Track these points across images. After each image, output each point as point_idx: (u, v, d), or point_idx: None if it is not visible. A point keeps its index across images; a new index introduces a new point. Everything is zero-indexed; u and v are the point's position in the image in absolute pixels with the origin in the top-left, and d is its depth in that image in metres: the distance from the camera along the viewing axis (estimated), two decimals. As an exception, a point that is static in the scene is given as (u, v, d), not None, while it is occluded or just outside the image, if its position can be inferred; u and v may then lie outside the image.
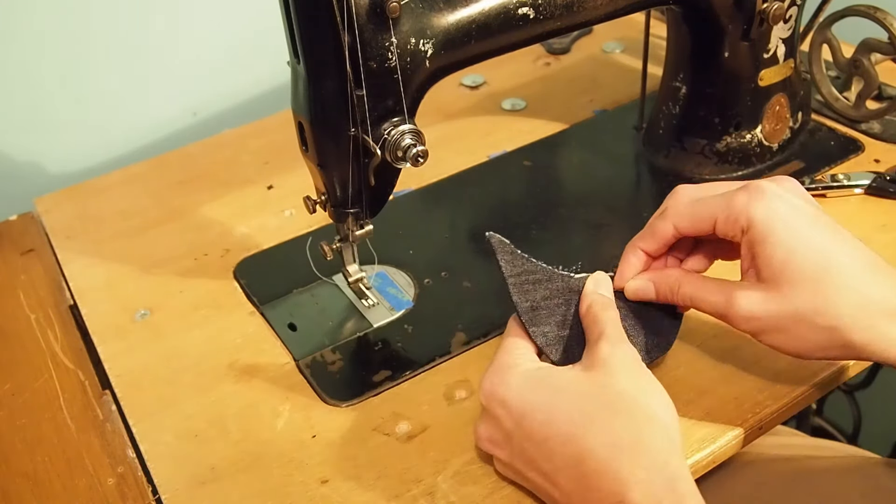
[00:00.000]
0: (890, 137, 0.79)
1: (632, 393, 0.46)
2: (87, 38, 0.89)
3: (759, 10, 0.69)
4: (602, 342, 0.49)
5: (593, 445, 0.44)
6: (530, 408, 0.47)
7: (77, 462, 0.57)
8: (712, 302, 0.51)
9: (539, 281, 0.54)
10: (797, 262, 0.47)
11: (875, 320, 0.46)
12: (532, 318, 0.53)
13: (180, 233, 0.77)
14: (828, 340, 0.47)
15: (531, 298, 0.54)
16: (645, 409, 0.46)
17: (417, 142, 0.56)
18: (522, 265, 0.54)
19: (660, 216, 0.54)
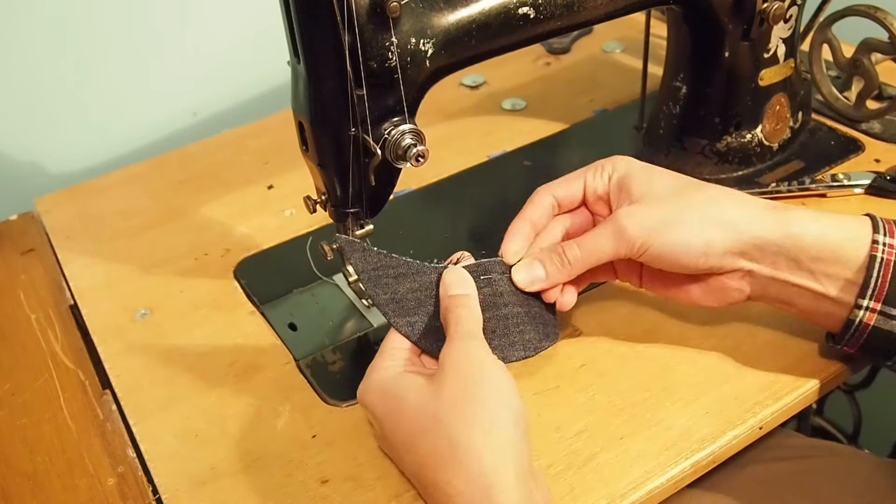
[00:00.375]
0: (890, 137, 0.79)
1: (458, 401, 0.46)
2: (87, 38, 0.89)
3: (759, 10, 0.69)
4: (448, 344, 0.49)
5: (423, 458, 0.46)
6: (382, 416, 0.49)
7: (77, 462, 0.57)
8: (599, 233, 0.53)
9: (402, 275, 0.54)
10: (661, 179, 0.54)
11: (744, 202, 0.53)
12: (395, 309, 0.53)
13: (180, 233, 0.77)
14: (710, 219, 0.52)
15: (392, 291, 0.53)
16: (468, 418, 0.45)
17: (418, 141, 0.56)
18: (378, 261, 0.54)
19: (534, 194, 0.58)
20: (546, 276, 0.55)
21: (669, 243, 0.52)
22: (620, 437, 0.54)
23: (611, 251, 0.53)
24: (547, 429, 0.55)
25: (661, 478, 0.52)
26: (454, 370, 0.47)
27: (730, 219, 0.52)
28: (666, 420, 0.55)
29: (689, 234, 0.51)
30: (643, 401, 0.57)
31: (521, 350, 0.55)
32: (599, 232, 0.54)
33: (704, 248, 0.51)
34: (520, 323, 0.55)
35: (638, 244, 0.52)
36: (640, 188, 0.53)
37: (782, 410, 0.56)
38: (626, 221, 0.52)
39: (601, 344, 0.60)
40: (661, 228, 0.52)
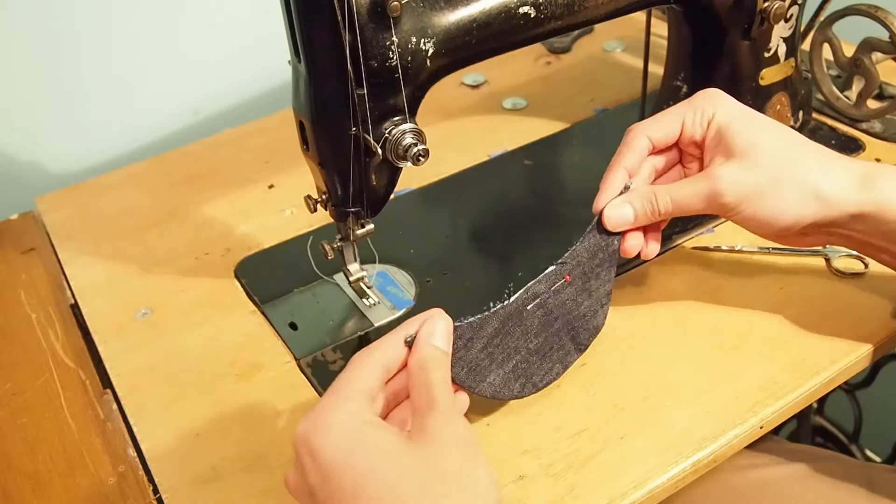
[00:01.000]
0: (891, 136, 0.79)
1: (453, 476, 0.41)
2: (87, 37, 0.89)
3: (759, 10, 0.69)
4: (431, 414, 0.43)
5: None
6: (341, 469, 0.41)
7: (78, 461, 0.57)
8: (693, 191, 0.53)
9: (470, 339, 0.51)
10: (763, 134, 0.54)
11: (838, 172, 0.53)
12: (474, 378, 0.51)
13: (181, 232, 0.78)
14: (800, 193, 0.52)
15: (465, 362, 0.51)
16: (465, 494, 0.41)
17: (418, 141, 0.56)
18: (460, 335, 0.51)
19: (628, 134, 0.57)
20: (634, 218, 0.55)
21: (760, 212, 0.53)
22: (621, 437, 0.54)
23: (702, 208, 0.54)
24: (548, 428, 0.55)
25: (662, 477, 0.52)
26: (452, 445, 0.42)
27: (823, 192, 0.52)
28: (667, 419, 0.55)
29: (782, 206, 0.52)
30: (644, 400, 0.57)
31: (574, 354, 0.56)
32: (694, 187, 0.54)
33: (795, 221, 0.53)
34: (563, 333, 0.55)
35: (730, 207, 0.53)
36: (740, 144, 0.53)
37: (783, 410, 0.56)
38: (722, 185, 0.53)
39: (602, 343, 0.60)
40: (754, 197, 0.53)
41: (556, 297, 0.55)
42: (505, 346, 0.53)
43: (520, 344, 0.53)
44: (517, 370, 0.53)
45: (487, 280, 0.68)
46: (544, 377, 0.55)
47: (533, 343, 0.54)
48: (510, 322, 0.53)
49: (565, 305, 0.55)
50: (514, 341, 0.53)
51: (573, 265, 0.55)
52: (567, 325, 0.55)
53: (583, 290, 0.56)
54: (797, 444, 0.70)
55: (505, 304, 0.53)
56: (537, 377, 0.54)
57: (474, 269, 0.70)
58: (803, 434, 1.08)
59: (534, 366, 0.54)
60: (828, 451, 0.69)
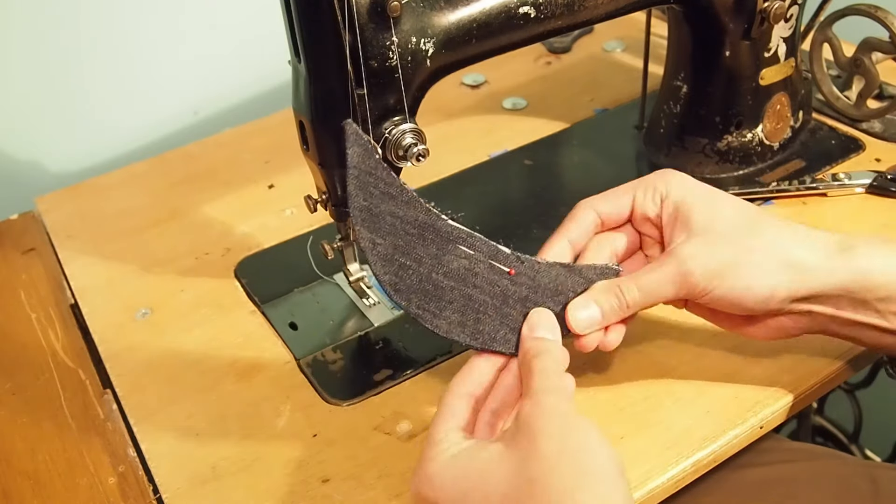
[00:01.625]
0: (891, 136, 0.79)
1: (554, 463, 0.41)
2: (88, 37, 0.89)
3: (759, 9, 0.69)
4: (524, 401, 0.44)
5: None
6: (460, 499, 0.43)
7: (78, 461, 0.57)
8: (660, 276, 0.49)
9: (392, 196, 0.50)
10: (723, 209, 0.50)
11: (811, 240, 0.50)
12: (366, 219, 0.49)
13: (181, 232, 0.78)
14: (772, 263, 0.49)
15: (372, 202, 0.49)
16: (575, 476, 0.40)
17: (418, 141, 0.56)
18: (376, 168, 0.50)
19: (575, 208, 0.54)
20: (602, 317, 0.50)
21: (734, 288, 0.49)
22: (621, 437, 0.54)
23: (671, 295, 0.50)
24: (547, 428, 0.55)
25: (662, 477, 0.52)
26: (544, 429, 0.42)
27: (795, 261, 0.49)
28: (667, 419, 0.55)
29: (754, 279, 0.49)
30: (644, 400, 0.57)
31: (468, 336, 0.50)
32: (660, 271, 0.50)
33: (769, 294, 0.49)
34: (481, 311, 0.50)
35: (700, 288, 0.49)
36: (699, 220, 0.50)
37: (783, 410, 0.56)
38: (689, 264, 0.49)
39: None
40: (726, 273, 0.49)
41: (489, 273, 0.51)
42: (411, 243, 0.50)
43: (425, 260, 0.50)
44: (403, 270, 0.50)
45: (487, 280, 0.68)
46: (424, 311, 0.50)
47: (437, 276, 0.50)
48: (432, 233, 0.51)
49: (493, 289, 0.51)
50: (422, 251, 0.50)
51: (528, 273, 0.51)
52: (485, 307, 0.51)
53: (521, 302, 0.51)
54: (799, 443, 0.70)
55: (441, 216, 0.51)
56: (416, 300, 0.50)
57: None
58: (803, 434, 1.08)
59: (423, 290, 0.50)
60: (830, 450, 0.69)
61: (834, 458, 0.66)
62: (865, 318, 0.50)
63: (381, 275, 0.50)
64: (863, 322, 0.50)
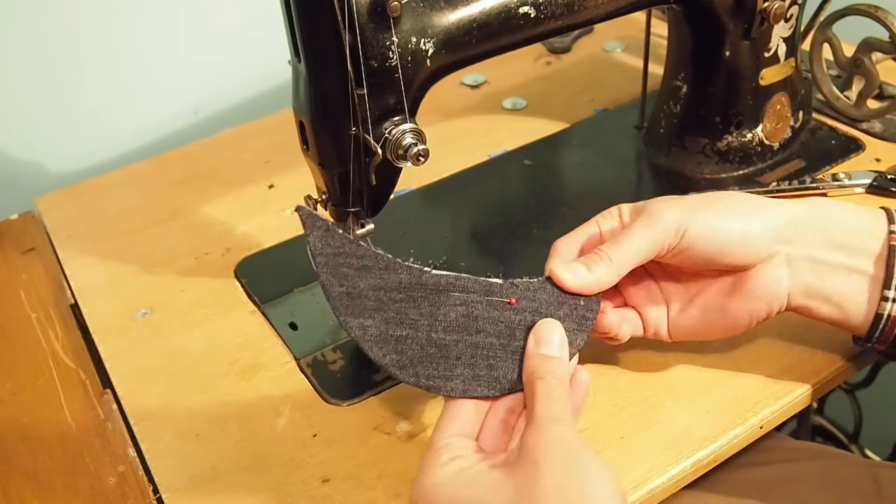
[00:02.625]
0: (891, 136, 0.79)
1: (558, 494, 0.40)
2: (88, 37, 0.89)
3: (759, 9, 0.69)
4: (529, 428, 0.43)
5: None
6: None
7: (78, 461, 0.57)
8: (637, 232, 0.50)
9: (367, 268, 0.48)
10: None
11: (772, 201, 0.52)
12: (348, 306, 0.47)
13: (181, 232, 0.78)
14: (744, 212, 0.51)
15: (350, 284, 0.47)
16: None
17: (418, 141, 0.56)
18: (343, 245, 0.48)
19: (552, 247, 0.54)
20: (587, 271, 0.50)
21: (708, 225, 0.50)
22: (621, 437, 0.54)
23: (648, 242, 0.50)
24: (547, 428, 0.55)
25: (662, 477, 0.52)
26: (548, 459, 0.41)
27: (759, 205, 0.52)
28: (666, 419, 0.55)
29: (725, 217, 0.50)
30: (644, 400, 0.57)
31: (485, 387, 0.47)
32: (632, 226, 0.51)
33: (742, 230, 0.50)
34: (491, 356, 0.48)
35: (674, 228, 0.50)
36: (656, 200, 0.52)
37: (783, 410, 0.56)
38: (656, 207, 0.51)
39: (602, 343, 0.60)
40: (696, 210, 0.50)
41: (489, 311, 0.49)
42: (402, 310, 0.48)
43: (421, 322, 0.48)
44: (402, 343, 0.48)
45: (487, 280, 0.68)
46: (434, 379, 0.48)
47: (438, 334, 0.48)
48: (420, 291, 0.48)
49: (497, 327, 0.49)
50: (415, 313, 0.48)
51: (527, 295, 0.50)
52: (494, 351, 0.48)
53: (527, 329, 0.49)
54: (801, 442, 0.70)
55: (424, 269, 0.49)
56: (423, 371, 0.48)
57: (474, 269, 0.69)
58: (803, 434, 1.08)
59: (427, 356, 0.48)
60: (832, 448, 0.69)
61: (836, 457, 0.66)
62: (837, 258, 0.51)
63: (379, 358, 0.47)
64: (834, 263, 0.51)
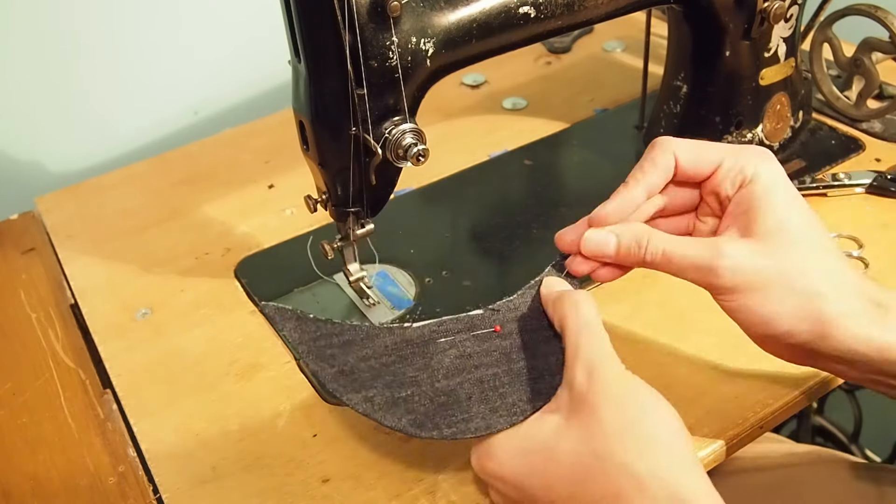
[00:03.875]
0: (891, 136, 0.79)
1: (624, 430, 0.41)
2: (88, 37, 0.89)
3: (759, 9, 0.69)
4: (575, 370, 0.43)
5: (596, 502, 0.41)
6: (525, 477, 0.43)
7: (78, 461, 0.57)
8: (693, 255, 0.46)
9: (350, 342, 0.48)
10: (794, 223, 0.47)
11: (850, 298, 0.46)
12: (346, 384, 0.47)
13: (181, 232, 0.78)
14: (803, 307, 0.45)
15: (340, 363, 0.48)
16: (643, 444, 0.41)
17: (418, 141, 0.56)
18: (318, 329, 0.48)
19: (654, 147, 0.49)
20: (614, 253, 0.48)
21: (752, 309, 0.46)
22: (621, 437, 0.54)
23: (690, 277, 0.47)
24: (547, 428, 0.55)
25: (662, 477, 0.52)
26: (605, 402, 0.41)
27: (825, 316, 0.45)
28: (666, 419, 0.55)
29: (778, 310, 0.45)
30: (644, 400, 0.56)
31: (506, 416, 0.46)
32: (693, 252, 0.46)
33: (786, 332, 0.46)
34: (499, 385, 0.47)
35: (721, 291, 0.46)
36: (766, 225, 0.46)
37: (782, 410, 0.56)
38: (724, 263, 0.45)
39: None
40: (754, 290, 0.46)
41: (479, 344, 0.49)
42: (398, 371, 0.48)
43: (421, 376, 0.48)
44: (410, 402, 0.47)
45: (487, 280, 0.68)
46: (456, 425, 0.47)
47: (441, 383, 0.48)
48: (409, 348, 0.49)
49: (491, 357, 0.49)
50: (412, 370, 0.48)
51: (509, 316, 0.50)
52: (499, 380, 0.48)
53: (523, 348, 0.49)
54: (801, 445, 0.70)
55: (403, 326, 0.49)
56: (442, 421, 0.47)
57: (474, 269, 0.70)
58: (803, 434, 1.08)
59: (440, 406, 0.47)
60: (833, 452, 0.69)
61: (838, 460, 0.66)
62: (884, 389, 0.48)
63: (395, 423, 0.47)
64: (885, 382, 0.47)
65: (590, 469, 0.41)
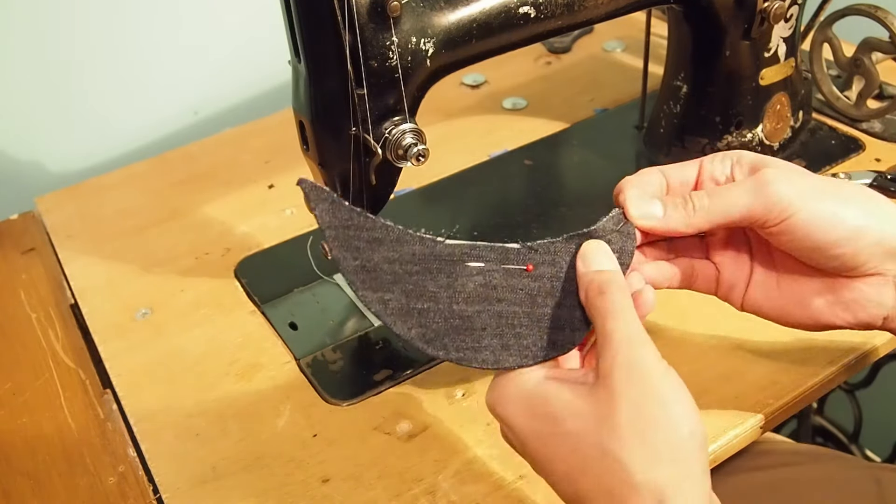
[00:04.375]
0: (891, 136, 0.79)
1: (634, 432, 0.39)
2: (88, 36, 0.89)
3: (760, 9, 0.69)
4: (605, 349, 0.41)
5: (589, 490, 0.40)
6: (530, 436, 0.42)
7: (78, 461, 0.57)
8: (738, 193, 0.44)
9: (378, 241, 0.46)
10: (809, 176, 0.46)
11: None
12: (364, 280, 0.45)
13: (181, 232, 0.78)
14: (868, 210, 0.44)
15: (363, 257, 0.45)
16: (649, 452, 0.39)
17: (418, 141, 0.56)
18: (351, 218, 0.45)
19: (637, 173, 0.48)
20: (663, 215, 0.46)
21: (817, 214, 0.43)
22: (621, 437, 0.54)
23: (744, 208, 0.44)
24: (547, 428, 0.55)
25: (662, 477, 0.52)
26: (623, 389, 0.39)
27: (888, 211, 0.44)
28: (666, 419, 0.55)
29: (843, 209, 0.43)
30: (644, 400, 0.56)
31: (517, 356, 0.46)
32: (736, 184, 0.45)
33: (855, 231, 0.43)
34: (517, 325, 0.46)
35: (781, 207, 0.43)
36: (779, 164, 0.45)
37: (783, 410, 0.56)
38: (771, 175, 0.44)
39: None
40: (812, 194, 0.43)
41: (507, 279, 0.47)
42: (419, 282, 0.46)
43: (441, 293, 0.46)
44: (424, 316, 0.46)
45: (487, 280, 0.68)
46: (464, 351, 0.46)
47: (460, 306, 0.46)
48: (435, 262, 0.47)
49: (517, 296, 0.47)
50: (433, 285, 0.46)
51: (546, 259, 0.48)
52: (519, 319, 0.47)
53: (551, 294, 0.47)
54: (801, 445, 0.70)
55: (437, 239, 0.47)
56: (451, 343, 0.46)
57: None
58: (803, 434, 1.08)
59: (452, 328, 0.46)
60: (833, 451, 0.69)
61: (838, 459, 0.66)
62: None
63: (404, 332, 0.46)
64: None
65: (590, 459, 0.39)
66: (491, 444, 0.55)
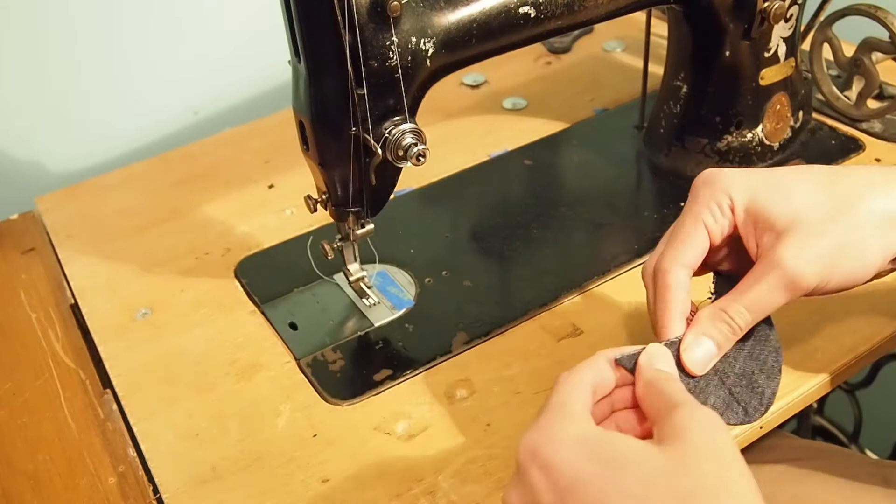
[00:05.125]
0: (891, 137, 0.79)
1: (712, 481, 0.37)
2: (87, 36, 0.89)
3: (759, 9, 0.69)
4: (678, 410, 0.40)
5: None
6: (581, 481, 0.38)
7: (78, 461, 0.57)
8: (771, 294, 0.46)
9: None
10: (800, 187, 0.47)
11: None
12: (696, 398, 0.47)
13: (181, 232, 0.78)
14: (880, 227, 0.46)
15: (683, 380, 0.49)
16: None
17: (418, 141, 0.56)
18: None
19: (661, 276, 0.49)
20: (717, 350, 0.48)
21: (850, 271, 0.46)
22: (621, 437, 0.54)
23: (783, 302, 0.47)
24: (547, 428, 0.55)
25: (662, 477, 0.52)
26: (706, 444, 0.38)
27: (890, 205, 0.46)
28: (666, 419, 0.55)
29: (868, 252, 0.45)
30: (644, 400, 0.56)
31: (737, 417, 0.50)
32: (765, 284, 0.46)
33: (882, 259, 0.46)
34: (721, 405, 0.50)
35: (814, 285, 0.45)
36: (780, 213, 0.46)
37: (782, 410, 0.56)
38: (796, 266, 0.45)
39: (602, 344, 0.60)
40: (836, 258, 0.45)
41: None
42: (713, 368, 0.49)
43: (725, 367, 0.50)
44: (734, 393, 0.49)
45: (487, 280, 0.68)
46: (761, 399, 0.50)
47: (737, 367, 0.50)
48: None
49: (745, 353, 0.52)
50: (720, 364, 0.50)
51: None
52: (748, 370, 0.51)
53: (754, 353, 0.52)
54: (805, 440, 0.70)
55: None
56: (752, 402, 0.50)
57: (474, 269, 0.70)
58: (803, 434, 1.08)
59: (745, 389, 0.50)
60: (836, 447, 0.69)
61: (841, 454, 0.66)
62: None
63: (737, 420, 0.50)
64: None
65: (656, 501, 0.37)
66: (491, 444, 0.55)
